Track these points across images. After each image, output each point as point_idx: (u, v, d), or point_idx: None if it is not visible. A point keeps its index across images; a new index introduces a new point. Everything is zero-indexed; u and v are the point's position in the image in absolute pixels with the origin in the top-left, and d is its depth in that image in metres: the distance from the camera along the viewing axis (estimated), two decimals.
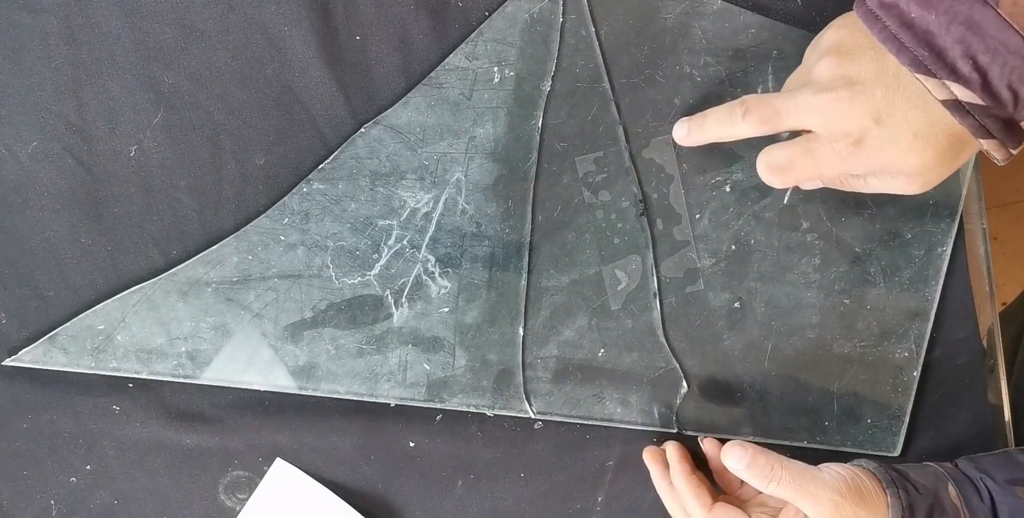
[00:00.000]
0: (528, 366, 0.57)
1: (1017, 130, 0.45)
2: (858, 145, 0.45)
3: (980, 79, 0.43)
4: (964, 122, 0.44)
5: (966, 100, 0.43)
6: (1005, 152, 0.46)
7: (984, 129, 0.44)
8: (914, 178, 0.47)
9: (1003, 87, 0.43)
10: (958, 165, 0.47)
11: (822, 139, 0.47)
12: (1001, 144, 0.45)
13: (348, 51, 0.55)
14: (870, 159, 0.46)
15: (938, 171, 0.46)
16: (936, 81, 0.43)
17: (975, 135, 0.44)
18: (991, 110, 0.43)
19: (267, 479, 0.56)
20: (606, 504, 0.59)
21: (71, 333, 0.54)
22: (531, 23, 0.55)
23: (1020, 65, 0.42)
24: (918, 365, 0.60)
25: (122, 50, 0.53)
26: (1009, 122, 0.44)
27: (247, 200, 0.55)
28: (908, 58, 0.43)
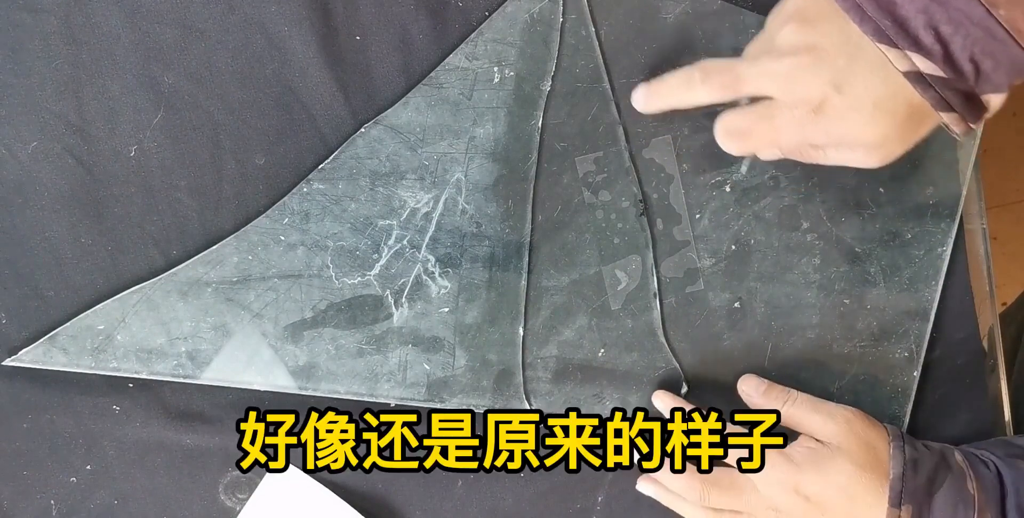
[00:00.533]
0: (528, 366, 0.57)
1: (977, 104, 0.45)
2: (818, 112, 0.45)
3: (942, 50, 0.42)
4: (925, 94, 0.43)
5: (928, 72, 0.43)
6: (964, 126, 0.45)
7: (945, 102, 0.44)
8: (873, 150, 0.46)
9: (965, 59, 0.42)
10: (917, 139, 0.47)
11: (782, 105, 0.46)
12: (961, 118, 0.45)
13: (348, 51, 0.55)
14: (829, 127, 0.45)
15: (897, 144, 0.46)
16: (898, 51, 0.43)
17: (935, 108, 0.44)
18: (952, 82, 0.43)
19: (267, 479, 0.56)
20: (606, 504, 0.59)
21: (71, 333, 0.54)
22: (531, 23, 0.55)
23: (982, 37, 0.42)
24: (918, 365, 0.60)
25: (122, 50, 0.53)
26: (970, 96, 0.44)
27: (247, 200, 0.55)
28: (871, 27, 0.43)
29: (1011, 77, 0.44)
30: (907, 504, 0.50)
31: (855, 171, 0.58)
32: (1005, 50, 0.42)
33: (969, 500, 0.50)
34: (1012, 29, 0.42)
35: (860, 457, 0.52)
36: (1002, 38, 0.42)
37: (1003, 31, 0.41)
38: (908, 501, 0.50)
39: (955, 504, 0.50)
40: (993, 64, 0.43)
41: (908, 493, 0.51)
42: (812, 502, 0.52)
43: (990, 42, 0.42)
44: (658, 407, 0.57)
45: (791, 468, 0.53)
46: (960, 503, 0.50)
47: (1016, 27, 0.42)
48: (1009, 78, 0.44)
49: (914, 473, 0.51)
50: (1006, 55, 0.42)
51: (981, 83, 0.44)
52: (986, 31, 0.42)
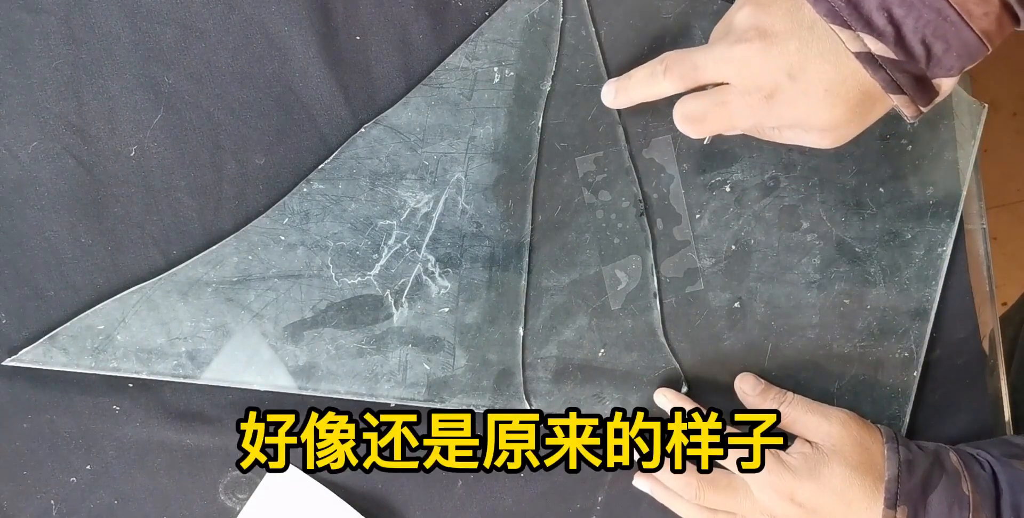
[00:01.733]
0: (528, 366, 0.57)
1: (928, 87, 0.45)
2: (770, 99, 0.45)
3: (894, 32, 0.42)
4: (876, 76, 0.43)
5: (879, 53, 0.43)
6: (915, 109, 0.45)
7: (895, 84, 0.44)
8: (826, 133, 0.46)
9: (916, 42, 0.42)
10: (869, 122, 0.47)
11: (735, 91, 0.46)
12: (912, 101, 0.45)
13: (348, 51, 0.55)
14: (782, 113, 0.46)
15: (849, 127, 0.46)
16: (850, 32, 0.43)
17: (886, 90, 0.44)
18: (903, 65, 0.43)
19: (267, 479, 0.56)
20: (606, 504, 0.59)
21: (71, 333, 0.54)
22: (531, 23, 0.55)
23: (935, 19, 0.42)
24: (918, 365, 0.60)
25: (122, 50, 0.53)
26: (921, 79, 0.44)
27: (247, 200, 0.55)
28: (824, 8, 0.43)
29: (962, 61, 0.44)
30: (903, 505, 0.50)
31: (855, 170, 0.58)
32: (956, 33, 0.42)
33: (964, 500, 0.51)
34: (963, 12, 0.42)
35: (855, 459, 0.52)
36: (953, 20, 0.42)
37: (955, 13, 0.42)
38: (903, 502, 0.51)
39: (950, 504, 0.50)
40: (944, 47, 0.43)
41: (904, 494, 0.51)
42: (807, 508, 0.52)
43: (942, 24, 0.42)
44: (660, 404, 0.57)
45: (786, 474, 0.53)
46: (955, 503, 0.50)
47: (967, 10, 0.42)
48: (960, 62, 0.44)
49: (909, 474, 0.51)
50: (957, 38, 0.42)
51: (932, 66, 0.44)
52: (938, 13, 0.42)
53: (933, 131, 0.59)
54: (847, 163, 0.59)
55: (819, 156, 0.58)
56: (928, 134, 0.59)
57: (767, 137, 0.50)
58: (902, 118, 0.46)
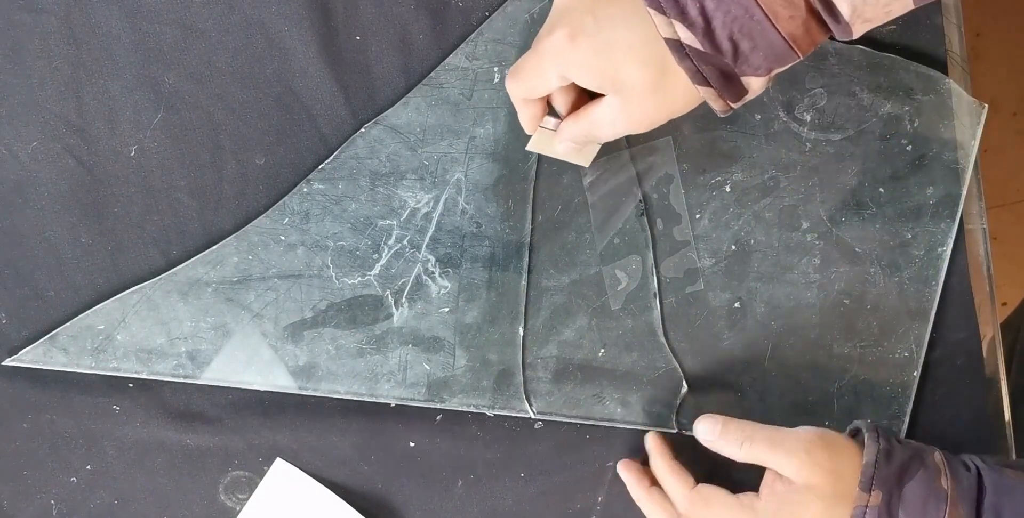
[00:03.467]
0: (528, 366, 0.57)
1: (736, 84, 0.45)
2: (573, 39, 0.45)
3: (704, 25, 0.43)
4: (682, 64, 0.44)
5: (688, 43, 0.43)
6: (723, 104, 0.46)
7: (701, 75, 0.44)
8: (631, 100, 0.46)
9: (724, 37, 0.43)
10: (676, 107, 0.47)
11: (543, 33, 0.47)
12: (719, 95, 0.45)
13: (348, 51, 0.55)
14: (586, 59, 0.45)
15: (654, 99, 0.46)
16: (664, 18, 0.43)
17: (692, 80, 0.44)
18: (710, 58, 0.43)
19: (267, 479, 0.56)
20: (606, 504, 0.59)
21: (71, 333, 0.54)
22: (531, 23, 0.55)
23: (742, 17, 0.42)
24: (918, 365, 0.60)
25: (122, 50, 0.53)
26: (729, 75, 0.44)
27: (247, 200, 0.55)
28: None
29: (769, 62, 0.44)
30: (877, 490, 0.49)
31: (855, 170, 0.58)
32: (763, 33, 0.42)
33: (942, 495, 0.49)
34: (769, 12, 0.42)
35: (827, 490, 0.50)
36: (759, 19, 0.42)
37: (761, 13, 0.42)
38: (878, 487, 0.49)
39: (926, 496, 0.49)
40: (751, 45, 0.43)
41: (879, 479, 0.49)
42: None
43: (748, 22, 0.42)
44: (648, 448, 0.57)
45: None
46: (931, 496, 0.49)
47: (774, 11, 0.42)
48: (768, 63, 0.44)
49: (887, 462, 0.50)
50: (764, 38, 0.43)
51: (740, 63, 0.44)
52: (745, 11, 0.42)
53: (933, 131, 0.59)
54: (847, 163, 0.59)
55: (819, 156, 0.58)
56: (928, 134, 0.59)
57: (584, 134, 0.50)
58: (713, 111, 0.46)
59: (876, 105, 0.59)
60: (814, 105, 0.58)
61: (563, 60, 0.46)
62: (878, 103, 0.59)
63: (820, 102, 0.58)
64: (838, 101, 0.58)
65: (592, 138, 0.50)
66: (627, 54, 0.45)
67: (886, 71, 0.59)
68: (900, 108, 0.59)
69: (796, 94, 0.58)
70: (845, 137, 0.59)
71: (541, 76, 0.48)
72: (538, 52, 0.47)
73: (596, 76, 0.46)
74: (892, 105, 0.59)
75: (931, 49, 0.60)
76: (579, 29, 0.45)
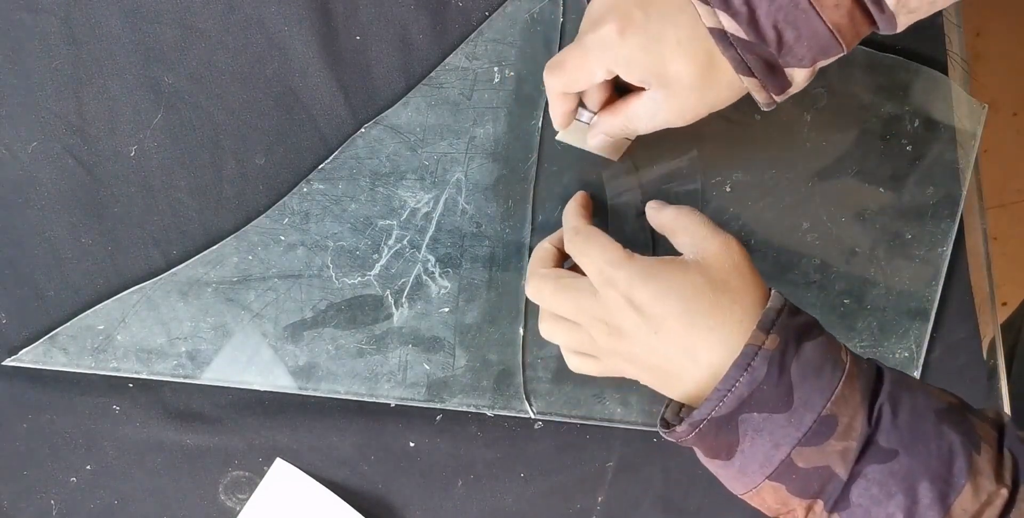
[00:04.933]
0: (528, 366, 0.57)
1: (780, 75, 0.45)
2: (622, 33, 0.45)
3: (748, 13, 0.43)
4: (726, 54, 0.44)
5: (731, 32, 0.43)
6: (767, 96, 0.46)
7: (745, 65, 0.44)
8: (676, 92, 0.46)
9: (768, 26, 0.43)
10: (719, 100, 0.47)
11: (588, 25, 0.47)
12: (762, 86, 0.45)
13: (348, 51, 0.55)
14: (634, 55, 0.45)
15: (701, 93, 0.46)
16: (707, 8, 0.43)
17: (736, 70, 0.44)
18: (754, 47, 0.43)
19: (267, 479, 0.56)
20: (606, 504, 0.59)
21: (71, 333, 0.54)
22: (531, 23, 0.55)
23: (787, 5, 0.42)
24: (918, 365, 0.60)
25: (122, 50, 0.53)
26: (773, 65, 0.44)
27: (247, 200, 0.55)
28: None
29: (813, 52, 0.44)
30: (775, 335, 0.43)
31: (855, 170, 0.58)
32: (807, 22, 0.43)
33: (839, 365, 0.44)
34: (815, 1, 0.42)
35: (719, 276, 0.45)
36: (805, 8, 0.42)
37: (806, 1, 0.42)
38: (777, 333, 0.43)
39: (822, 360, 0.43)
40: (795, 35, 0.43)
41: (780, 326, 0.43)
42: (646, 315, 0.44)
43: (793, 11, 0.42)
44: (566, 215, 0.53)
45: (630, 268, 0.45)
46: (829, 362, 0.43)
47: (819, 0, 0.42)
48: (812, 53, 0.44)
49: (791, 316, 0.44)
50: (808, 27, 0.43)
51: (784, 54, 0.44)
52: (791, 0, 0.42)
53: (933, 131, 0.59)
54: (847, 163, 0.59)
55: (819, 156, 0.58)
56: (928, 134, 0.59)
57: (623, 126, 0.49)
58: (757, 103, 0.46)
59: (876, 105, 0.59)
60: (814, 105, 0.58)
61: (611, 54, 0.46)
62: (878, 103, 0.59)
63: (820, 102, 0.58)
64: (838, 101, 0.58)
65: (628, 132, 0.50)
66: (675, 49, 0.45)
67: (886, 71, 0.59)
68: (900, 108, 0.59)
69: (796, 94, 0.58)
70: (845, 137, 0.59)
71: (585, 70, 0.47)
72: (584, 46, 0.47)
73: (643, 70, 0.46)
74: (892, 105, 0.59)
75: (931, 49, 0.60)
76: (628, 23, 0.45)
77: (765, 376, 0.42)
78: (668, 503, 0.59)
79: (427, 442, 0.57)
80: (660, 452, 0.59)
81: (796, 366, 0.43)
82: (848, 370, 0.44)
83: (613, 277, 0.46)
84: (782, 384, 0.42)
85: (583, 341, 0.48)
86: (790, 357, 0.43)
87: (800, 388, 0.42)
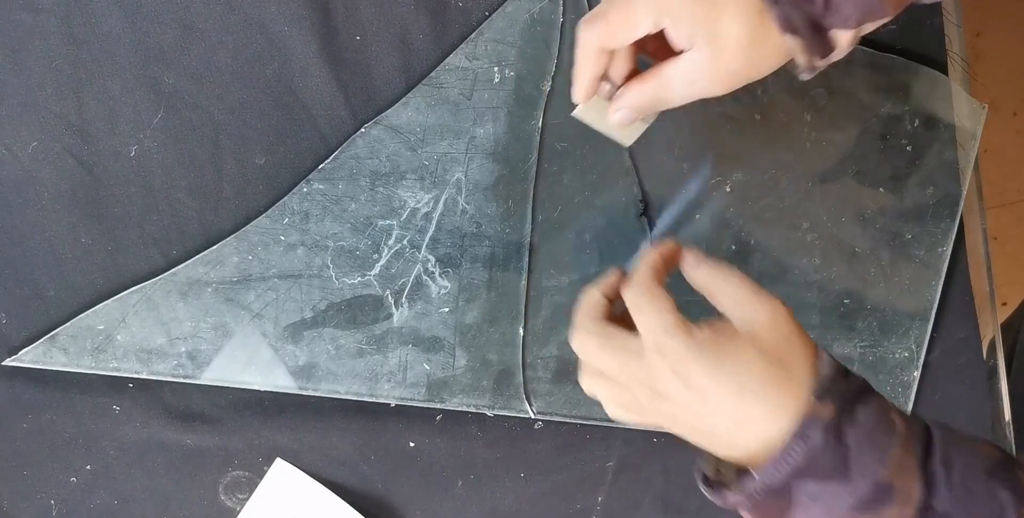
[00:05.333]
0: (528, 366, 0.57)
1: (824, 37, 0.44)
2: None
3: None
4: (773, 11, 0.43)
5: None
6: (808, 60, 0.44)
7: (791, 23, 0.43)
8: (722, 55, 0.44)
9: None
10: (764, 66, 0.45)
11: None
12: (806, 48, 0.44)
13: (348, 51, 0.55)
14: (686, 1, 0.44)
15: (746, 55, 0.44)
16: None
17: (781, 28, 0.43)
18: (801, 4, 0.43)
19: (267, 479, 0.56)
20: (606, 504, 0.59)
21: (71, 333, 0.54)
22: (531, 23, 0.55)
23: None
24: (918, 365, 0.60)
25: (122, 50, 0.53)
26: (818, 26, 0.44)
27: (247, 200, 0.55)
28: None
29: (859, 13, 0.43)
30: (830, 402, 0.42)
31: (855, 170, 0.58)
32: None
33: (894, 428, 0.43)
34: None
35: (771, 348, 0.44)
36: None
37: None
38: (833, 399, 0.42)
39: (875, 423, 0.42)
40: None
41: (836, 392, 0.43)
42: (692, 388, 0.43)
43: None
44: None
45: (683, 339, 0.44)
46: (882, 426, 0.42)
47: None
48: (857, 13, 0.43)
49: (844, 379, 0.44)
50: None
51: (830, 14, 0.43)
52: None
53: (933, 131, 0.59)
54: (847, 163, 0.59)
55: (819, 156, 0.58)
56: (928, 134, 0.59)
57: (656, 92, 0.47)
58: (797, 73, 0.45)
59: (876, 105, 0.59)
60: (814, 105, 0.58)
61: (661, 4, 0.44)
62: (878, 103, 0.59)
63: (820, 102, 0.58)
64: (838, 101, 0.58)
65: (658, 103, 0.47)
66: (729, 4, 0.43)
67: (886, 71, 0.59)
68: (900, 108, 0.59)
69: (796, 94, 0.58)
70: (845, 137, 0.59)
71: (630, 21, 0.45)
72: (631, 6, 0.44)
73: (693, 24, 0.44)
74: (892, 105, 0.59)
75: (931, 49, 0.60)
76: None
77: (822, 445, 0.42)
78: (668, 503, 0.59)
79: (427, 442, 0.57)
80: (660, 452, 0.59)
81: (851, 433, 0.42)
82: (902, 434, 0.43)
83: (664, 346, 0.44)
84: (838, 452, 0.42)
85: (625, 399, 0.47)
86: (846, 424, 0.42)
87: (856, 455, 0.42)
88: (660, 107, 0.48)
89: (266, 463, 0.56)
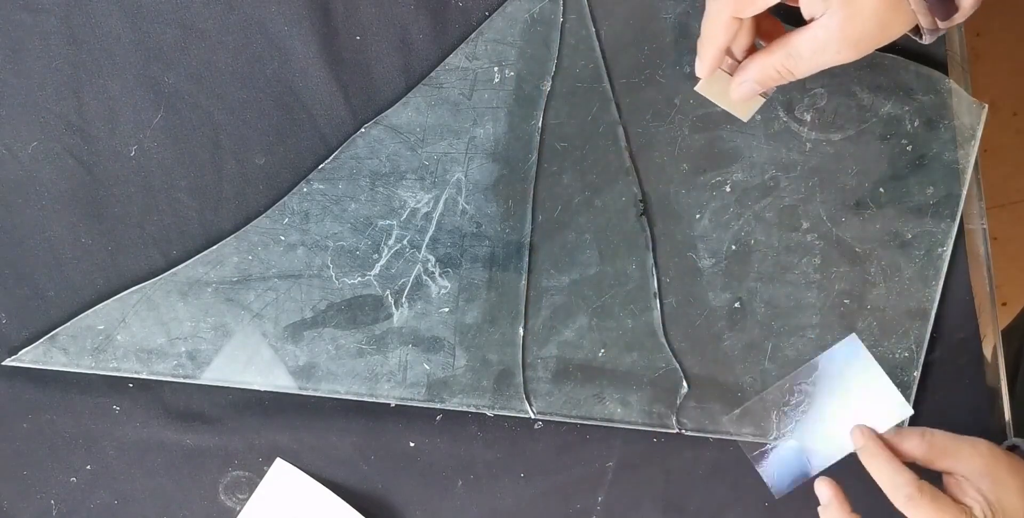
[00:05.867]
0: (528, 366, 0.57)
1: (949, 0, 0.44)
2: None
3: None
4: None
5: None
6: (931, 21, 0.44)
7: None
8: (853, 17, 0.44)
9: None
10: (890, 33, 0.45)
11: None
12: (930, 9, 0.44)
13: (348, 51, 0.55)
14: None
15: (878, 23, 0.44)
16: None
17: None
18: None
19: (267, 479, 0.56)
20: (606, 504, 0.59)
21: (71, 333, 0.54)
22: (531, 23, 0.55)
23: None
24: (918, 365, 0.60)
25: (122, 50, 0.53)
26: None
27: (247, 200, 0.55)
28: None
29: None
30: None
31: (855, 170, 0.58)
32: None
33: None
34: None
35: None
36: None
37: None
38: None
39: None
40: None
41: None
42: None
43: None
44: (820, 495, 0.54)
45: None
46: None
47: None
48: None
49: None
50: None
51: None
52: None
53: (933, 131, 0.59)
54: (847, 163, 0.59)
55: (819, 156, 0.58)
56: (928, 134, 0.59)
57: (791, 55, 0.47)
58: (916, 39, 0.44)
59: (876, 105, 0.59)
60: (814, 105, 0.58)
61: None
62: (878, 103, 0.59)
63: (820, 102, 0.58)
64: (838, 101, 0.58)
65: (784, 74, 0.47)
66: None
67: (886, 71, 0.59)
68: (900, 108, 0.59)
69: (796, 94, 0.58)
70: (845, 137, 0.59)
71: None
72: None
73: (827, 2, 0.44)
74: (892, 105, 0.59)
75: (931, 49, 0.60)
76: None
77: None
78: (668, 503, 0.59)
79: (427, 442, 0.57)
80: (660, 452, 0.59)
81: None
82: None
83: None
84: None
85: None
86: None
87: None
88: (785, 79, 0.48)
89: (266, 463, 0.56)
